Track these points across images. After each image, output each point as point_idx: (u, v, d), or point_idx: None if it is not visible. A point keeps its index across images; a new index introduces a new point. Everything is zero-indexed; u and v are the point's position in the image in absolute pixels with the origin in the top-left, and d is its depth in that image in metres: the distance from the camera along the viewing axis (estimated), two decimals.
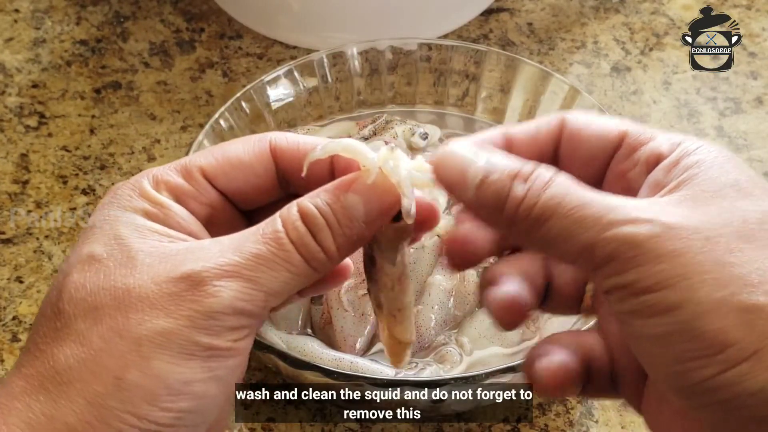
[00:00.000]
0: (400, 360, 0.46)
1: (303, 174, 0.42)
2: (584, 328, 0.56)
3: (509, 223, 0.39)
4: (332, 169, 0.44)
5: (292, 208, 0.41)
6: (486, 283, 0.43)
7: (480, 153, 0.40)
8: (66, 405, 0.39)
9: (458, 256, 0.43)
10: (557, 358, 0.41)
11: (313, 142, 0.44)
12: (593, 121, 0.43)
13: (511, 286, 0.42)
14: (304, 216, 0.41)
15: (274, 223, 0.41)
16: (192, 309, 0.39)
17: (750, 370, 0.35)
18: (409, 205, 0.41)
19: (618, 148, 0.43)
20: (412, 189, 0.42)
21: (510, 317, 0.42)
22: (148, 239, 0.41)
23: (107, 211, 0.42)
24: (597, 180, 0.43)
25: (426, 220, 0.43)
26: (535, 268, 0.43)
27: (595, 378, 0.42)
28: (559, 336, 0.43)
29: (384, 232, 0.43)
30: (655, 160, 0.41)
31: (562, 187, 0.38)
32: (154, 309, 0.39)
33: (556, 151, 0.44)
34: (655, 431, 0.41)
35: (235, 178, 0.44)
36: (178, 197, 0.43)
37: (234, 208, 0.45)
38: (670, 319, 0.36)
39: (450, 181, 0.40)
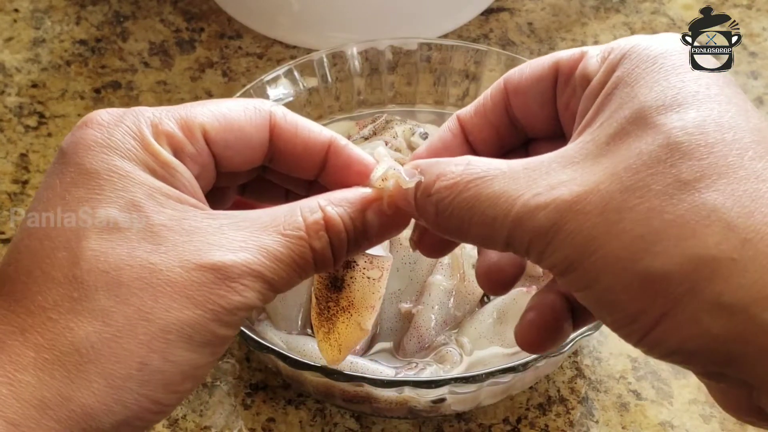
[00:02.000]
0: (347, 354, 0.49)
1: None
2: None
3: (446, 232, 0.41)
4: (323, 164, 0.45)
5: (316, 214, 0.42)
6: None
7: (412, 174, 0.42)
8: (85, 385, 0.38)
9: (492, 283, 0.46)
10: (525, 320, 0.44)
11: (312, 135, 0.45)
12: (526, 70, 0.45)
13: (493, 254, 0.45)
14: (329, 226, 0.42)
15: (294, 220, 0.42)
16: (219, 305, 0.40)
17: (663, 333, 0.36)
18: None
19: (556, 81, 0.44)
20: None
21: (491, 283, 0.45)
22: (166, 208, 0.41)
23: (107, 158, 0.41)
24: (554, 119, 0.45)
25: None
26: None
27: (581, 309, 0.43)
28: (540, 294, 0.45)
29: None
30: (586, 83, 0.42)
31: (467, 191, 0.40)
32: (182, 297, 0.40)
33: (510, 115, 0.45)
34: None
35: (233, 146, 0.44)
36: (177, 152, 0.43)
37: (215, 171, 0.45)
38: (589, 296, 0.38)
39: (404, 209, 0.43)
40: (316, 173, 0.46)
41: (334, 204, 0.43)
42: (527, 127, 0.45)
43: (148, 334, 0.39)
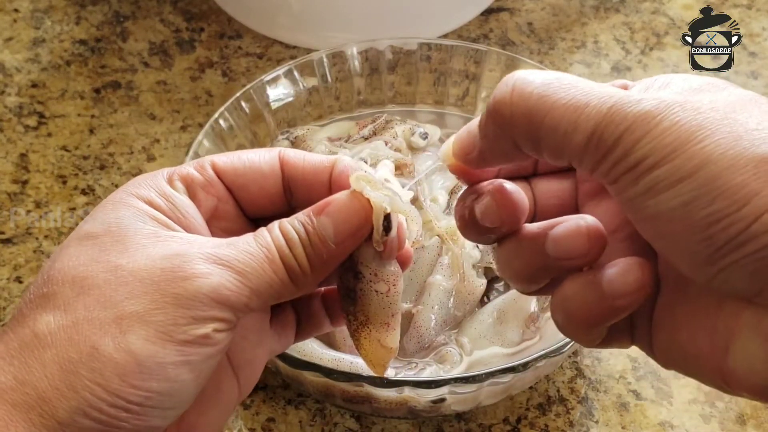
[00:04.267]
0: (386, 367, 0.48)
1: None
2: None
3: (508, 128, 0.40)
4: (330, 184, 0.47)
5: (274, 225, 0.44)
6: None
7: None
8: (39, 370, 0.39)
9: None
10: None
11: (319, 158, 0.47)
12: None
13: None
14: (284, 233, 0.44)
15: (261, 231, 0.44)
16: (181, 287, 0.40)
17: None
18: (378, 225, 0.44)
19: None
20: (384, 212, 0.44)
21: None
22: (146, 224, 0.43)
23: (113, 196, 0.44)
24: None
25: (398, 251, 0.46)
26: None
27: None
28: None
29: (366, 248, 0.45)
30: None
31: (552, 78, 0.39)
32: (144, 284, 0.40)
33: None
34: (671, 358, 0.41)
35: (243, 174, 0.46)
36: (189, 186, 0.45)
37: (239, 210, 0.47)
38: (690, 185, 0.36)
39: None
40: (328, 195, 0.47)
41: (289, 219, 0.44)
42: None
43: (104, 319, 0.40)
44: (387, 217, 0.44)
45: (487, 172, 0.45)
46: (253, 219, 0.48)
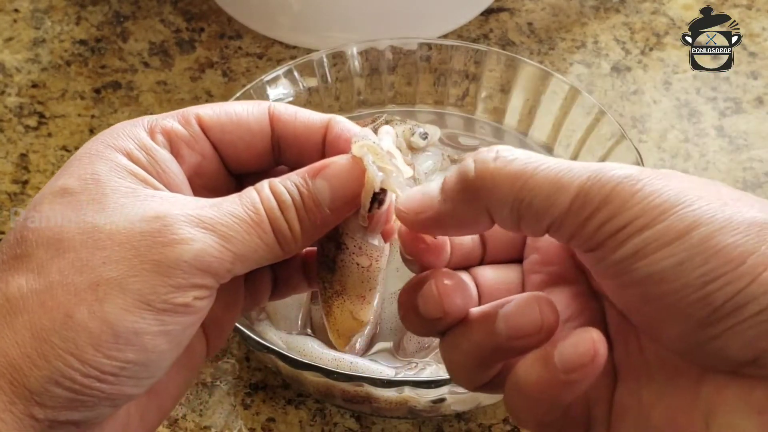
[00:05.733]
0: (350, 340, 0.47)
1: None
2: None
3: (488, 194, 0.38)
4: (324, 145, 0.45)
5: (264, 185, 0.42)
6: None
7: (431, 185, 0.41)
8: (10, 336, 0.38)
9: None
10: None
11: (311, 116, 0.44)
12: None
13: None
14: (275, 194, 0.41)
15: (249, 192, 0.41)
16: (162, 253, 0.38)
17: None
18: (365, 201, 0.42)
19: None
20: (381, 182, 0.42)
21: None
22: (125, 180, 0.40)
23: (90, 146, 0.42)
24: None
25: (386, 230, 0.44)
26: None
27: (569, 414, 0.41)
28: None
29: (353, 219, 0.43)
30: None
31: (532, 152, 0.38)
32: (122, 248, 0.38)
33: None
34: None
35: (230, 131, 0.44)
36: (172, 140, 0.43)
37: (223, 167, 0.45)
38: (683, 245, 0.35)
39: (415, 212, 0.41)
40: (321, 156, 0.45)
41: (281, 179, 0.42)
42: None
43: (80, 285, 0.38)
44: (381, 192, 0.43)
45: (437, 258, 0.43)
46: (235, 174, 0.45)
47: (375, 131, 0.73)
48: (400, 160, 0.44)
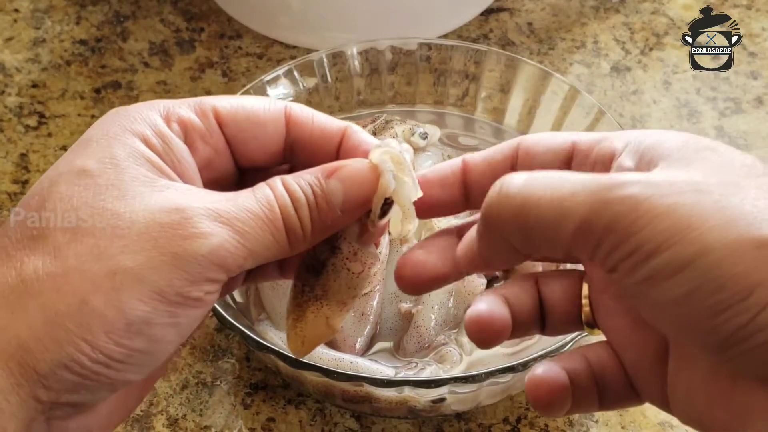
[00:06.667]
0: (310, 350, 0.46)
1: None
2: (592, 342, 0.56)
3: (497, 226, 0.39)
4: (337, 153, 0.45)
5: (277, 181, 0.42)
6: (468, 306, 0.44)
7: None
8: (23, 318, 0.38)
9: (410, 280, 0.44)
10: (547, 376, 0.41)
11: (328, 122, 0.45)
12: (543, 138, 0.44)
13: (483, 304, 0.42)
14: (290, 192, 0.41)
15: (263, 188, 0.41)
16: (181, 247, 0.38)
17: None
18: (376, 208, 0.43)
19: (571, 159, 0.43)
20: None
21: (481, 334, 0.42)
22: (142, 167, 0.41)
23: (107, 127, 0.42)
24: None
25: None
26: (523, 290, 0.43)
27: (611, 387, 0.42)
28: (562, 356, 0.43)
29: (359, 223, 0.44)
30: (611, 156, 0.41)
31: (537, 176, 0.38)
32: (141, 239, 0.38)
33: (513, 169, 0.44)
34: (691, 419, 0.40)
35: (246, 129, 0.44)
36: (187, 131, 0.43)
37: (232, 162, 0.45)
38: (689, 275, 0.34)
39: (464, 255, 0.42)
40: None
41: (295, 176, 0.42)
42: None
43: (96, 272, 0.38)
44: (388, 202, 0.43)
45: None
46: (245, 171, 0.46)
47: (374, 132, 0.73)
48: (414, 180, 0.44)
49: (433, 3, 0.82)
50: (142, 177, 0.40)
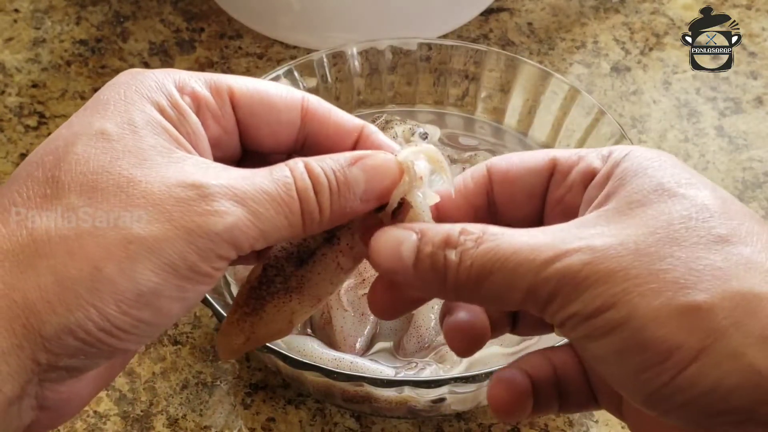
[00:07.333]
0: (244, 351, 0.45)
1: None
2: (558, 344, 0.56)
3: (455, 290, 0.40)
4: (354, 146, 0.44)
5: (298, 163, 0.41)
6: (444, 313, 0.44)
7: (408, 230, 0.41)
8: (32, 278, 0.37)
9: (383, 306, 0.44)
10: (504, 380, 0.43)
11: (345, 119, 0.44)
12: (516, 159, 0.44)
13: (463, 313, 0.43)
14: (312, 176, 0.41)
15: (282, 169, 0.41)
16: (195, 222, 0.38)
17: (699, 370, 0.36)
18: (394, 200, 0.42)
19: (551, 177, 0.43)
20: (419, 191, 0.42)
21: (462, 343, 0.43)
22: (160, 137, 0.40)
23: (123, 91, 0.41)
24: (538, 212, 0.44)
25: None
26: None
27: (572, 392, 0.43)
28: (528, 357, 0.44)
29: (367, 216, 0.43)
30: (590, 176, 0.42)
31: (491, 242, 0.39)
32: (156, 210, 0.38)
33: (490, 199, 0.44)
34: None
35: (259, 115, 0.44)
36: (199, 107, 0.42)
37: (239, 143, 0.44)
38: (619, 335, 0.37)
39: (388, 267, 0.41)
40: None
41: (317, 159, 0.42)
42: (505, 214, 0.45)
43: (110, 239, 0.37)
44: (401, 203, 0.42)
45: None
46: (249, 153, 0.45)
47: None
48: (452, 181, 0.44)
49: (433, 3, 0.82)
50: (159, 146, 0.40)
